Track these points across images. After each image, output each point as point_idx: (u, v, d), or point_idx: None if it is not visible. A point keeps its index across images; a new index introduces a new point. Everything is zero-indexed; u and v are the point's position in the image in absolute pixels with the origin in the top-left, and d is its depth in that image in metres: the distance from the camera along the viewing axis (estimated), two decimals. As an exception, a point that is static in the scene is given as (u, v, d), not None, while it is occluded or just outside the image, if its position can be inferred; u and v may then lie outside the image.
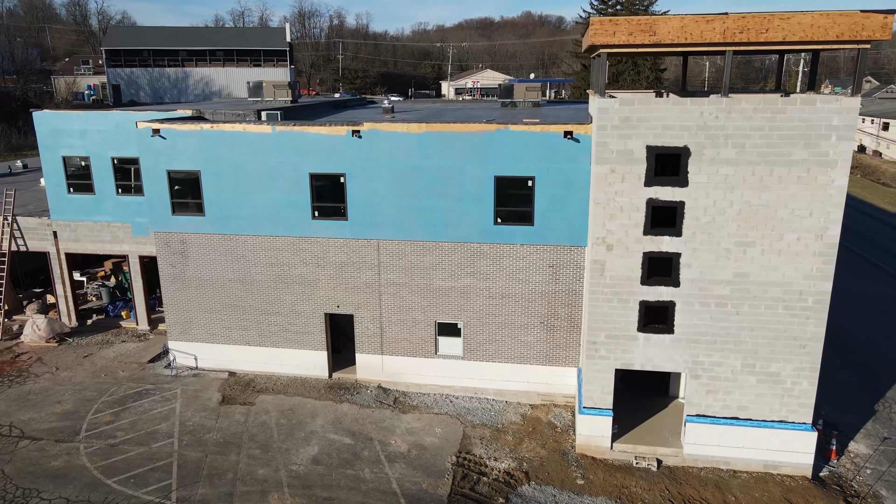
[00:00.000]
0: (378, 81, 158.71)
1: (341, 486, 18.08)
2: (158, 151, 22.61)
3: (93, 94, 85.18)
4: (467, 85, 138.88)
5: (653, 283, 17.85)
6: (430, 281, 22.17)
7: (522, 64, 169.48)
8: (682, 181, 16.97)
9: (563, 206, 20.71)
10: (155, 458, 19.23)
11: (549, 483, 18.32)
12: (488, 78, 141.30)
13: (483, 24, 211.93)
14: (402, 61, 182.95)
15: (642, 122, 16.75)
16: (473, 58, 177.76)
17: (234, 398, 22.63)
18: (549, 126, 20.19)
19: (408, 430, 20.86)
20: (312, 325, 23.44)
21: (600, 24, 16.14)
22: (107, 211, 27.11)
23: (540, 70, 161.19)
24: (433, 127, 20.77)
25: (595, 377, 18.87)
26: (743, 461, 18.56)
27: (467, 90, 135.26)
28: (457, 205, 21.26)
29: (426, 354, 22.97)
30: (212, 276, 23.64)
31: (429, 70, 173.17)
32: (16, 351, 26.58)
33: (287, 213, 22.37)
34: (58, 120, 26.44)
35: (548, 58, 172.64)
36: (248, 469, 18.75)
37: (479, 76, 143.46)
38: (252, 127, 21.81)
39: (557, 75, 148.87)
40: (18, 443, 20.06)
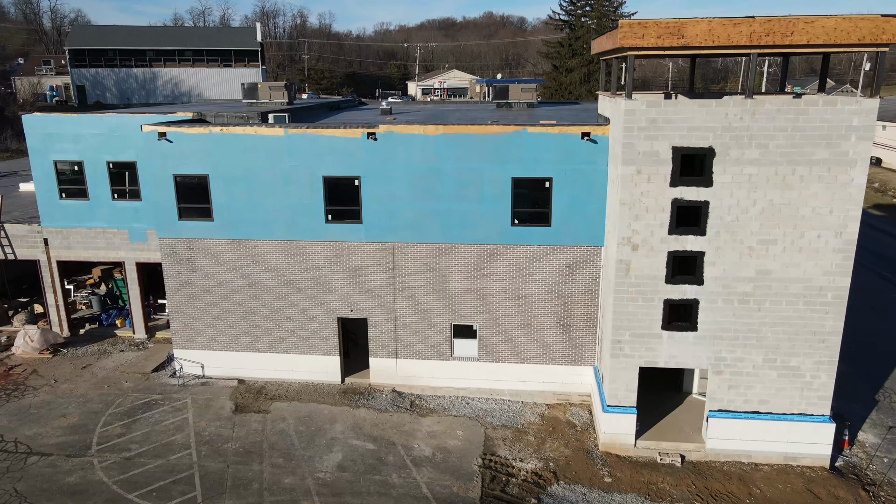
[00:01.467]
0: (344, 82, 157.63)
1: (371, 492, 17.90)
2: (165, 155, 22.03)
3: (55, 95, 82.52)
4: (434, 85, 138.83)
5: (677, 281, 18.14)
6: (446, 283, 22.11)
7: (487, 64, 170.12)
8: (706, 181, 17.27)
9: (580, 206, 20.88)
10: (175, 471, 18.74)
11: (578, 482, 18.46)
12: (455, 78, 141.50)
13: (445, 24, 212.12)
14: (367, 62, 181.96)
15: (668, 123, 17.00)
16: (438, 58, 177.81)
17: (247, 406, 22.20)
18: (567, 128, 20.33)
19: (429, 433, 20.76)
20: (325, 330, 23.15)
21: (629, 26, 16.32)
22: (101, 217, 26.30)
23: (505, 70, 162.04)
24: (450, 129, 20.72)
25: (619, 375, 19.08)
26: (764, 454, 18.99)
27: (434, 90, 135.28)
28: (474, 207, 21.25)
29: (441, 357, 22.90)
30: (220, 282, 23.14)
31: (395, 70, 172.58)
32: (8, 363, 25.59)
33: (299, 216, 22.04)
34: (49, 124, 25.56)
35: (512, 58, 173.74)
36: (274, 478, 18.42)
37: (445, 76, 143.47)
38: (264, 130, 21.42)
39: (523, 75, 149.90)
40: (27, 459, 19.33)
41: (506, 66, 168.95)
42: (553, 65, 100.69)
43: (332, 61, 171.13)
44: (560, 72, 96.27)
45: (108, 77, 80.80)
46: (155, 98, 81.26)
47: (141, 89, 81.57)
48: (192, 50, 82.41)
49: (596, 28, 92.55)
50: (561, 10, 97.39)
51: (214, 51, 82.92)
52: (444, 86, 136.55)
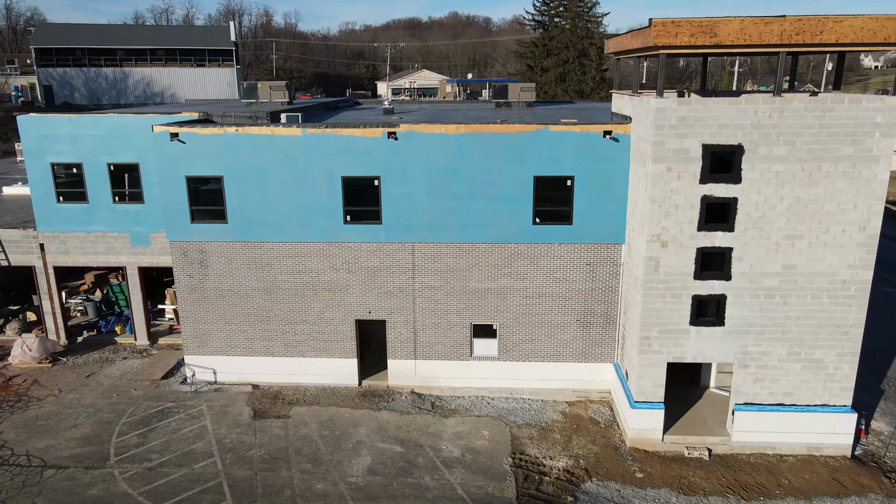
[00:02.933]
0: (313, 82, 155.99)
1: (406, 495, 17.71)
2: (176, 156, 21.46)
3: (20, 95, 79.79)
4: (404, 85, 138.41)
5: (705, 277, 18.36)
6: (466, 283, 22.01)
7: (455, 64, 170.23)
8: (735, 178, 17.52)
9: (601, 204, 21.00)
10: (201, 480, 18.27)
11: (610, 479, 18.55)
12: (425, 78, 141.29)
13: (411, 24, 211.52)
14: (336, 61, 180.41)
15: (699, 121, 17.19)
16: (406, 58, 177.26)
17: (266, 412, 21.76)
18: (589, 126, 20.42)
19: (455, 434, 20.64)
20: (342, 333, 22.84)
21: (662, 25, 16.46)
22: (101, 220, 25.51)
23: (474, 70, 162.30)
24: (472, 128, 20.63)
25: (647, 371, 19.24)
26: (788, 445, 19.36)
27: (404, 90, 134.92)
28: (494, 206, 21.20)
29: (461, 357, 22.80)
30: (233, 286, 22.64)
31: (363, 70, 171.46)
32: (5, 374, 24.63)
33: (316, 218, 21.69)
34: (45, 125, 24.71)
35: (480, 58, 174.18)
36: (305, 484, 18.09)
37: (415, 76, 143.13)
38: (281, 130, 21.03)
39: (491, 75, 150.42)
40: (43, 472, 18.62)
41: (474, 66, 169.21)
42: (528, 64, 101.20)
43: (299, 61, 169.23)
44: (535, 71, 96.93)
45: (77, 77, 78.40)
46: (126, 98, 79.19)
47: (111, 89, 79.38)
48: (165, 49, 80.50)
49: (570, 28, 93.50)
50: (534, 10, 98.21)
51: (187, 50, 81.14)
52: (415, 86, 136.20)
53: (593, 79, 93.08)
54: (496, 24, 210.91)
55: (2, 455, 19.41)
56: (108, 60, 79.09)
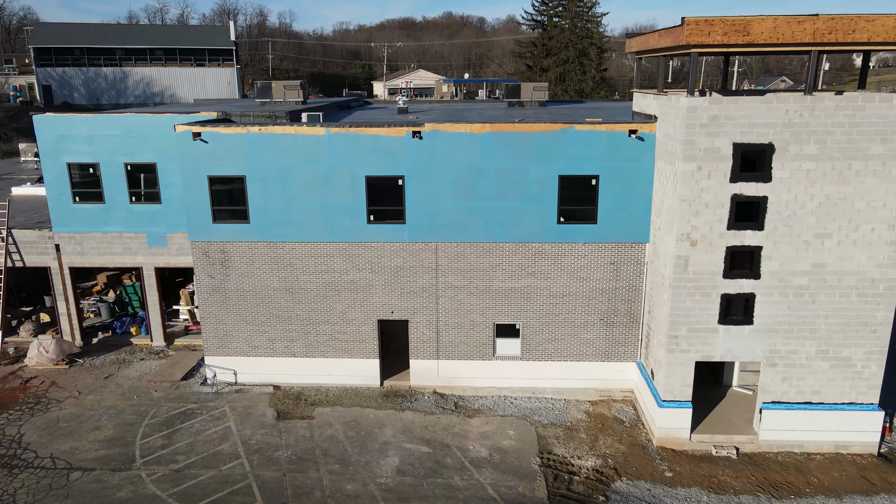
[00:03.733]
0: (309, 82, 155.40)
1: (437, 495, 17.64)
2: (198, 156, 21.32)
3: (19, 95, 79.19)
4: (400, 85, 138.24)
5: (734, 276, 18.38)
6: (489, 283, 21.97)
7: (450, 64, 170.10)
8: (765, 177, 17.54)
9: (625, 203, 20.99)
10: (230, 481, 18.15)
11: (640, 478, 18.54)
12: (421, 78, 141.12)
13: (406, 24, 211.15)
14: (331, 61, 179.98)
15: (730, 119, 17.20)
16: (402, 58, 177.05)
17: (289, 413, 21.64)
18: (615, 125, 20.41)
19: (481, 434, 20.59)
20: (364, 333, 22.75)
21: (696, 24, 16.46)
22: (118, 221, 25.33)
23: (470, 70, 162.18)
24: (497, 127, 20.58)
25: (676, 370, 19.24)
26: (815, 443, 19.40)
27: (400, 90, 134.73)
28: (519, 205, 21.16)
29: (484, 357, 22.75)
30: (255, 286, 22.52)
31: (359, 70, 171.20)
32: (22, 375, 24.43)
33: (340, 217, 21.60)
34: (61, 124, 24.51)
35: (475, 58, 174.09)
36: (335, 485, 18.00)
37: (411, 76, 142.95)
38: (305, 129, 20.93)
39: (487, 75, 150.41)
40: (69, 475, 18.45)
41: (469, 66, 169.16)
42: (527, 64, 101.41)
43: (295, 61, 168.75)
44: (534, 71, 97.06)
45: (76, 77, 77.90)
46: (126, 98, 78.74)
47: (111, 89, 78.90)
48: (164, 49, 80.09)
49: (570, 28, 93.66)
50: (533, 10, 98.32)
51: (187, 49, 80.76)
52: (411, 86, 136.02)
53: (593, 78, 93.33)
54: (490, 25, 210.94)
55: (26, 458, 19.23)
56: (108, 60, 78.63)
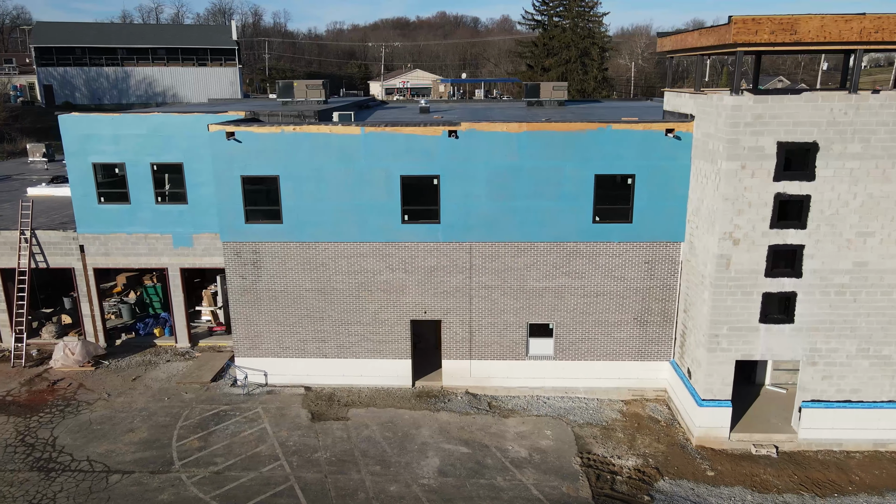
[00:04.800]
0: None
1: (482, 496, 17.57)
2: (232, 156, 21.17)
3: (20, 95, 78.55)
4: (397, 85, 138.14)
5: (776, 274, 18.39)
6: (523, 282, 21.91)
7: (446, 64, 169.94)
8: (809, 175, 17.55)
9: (661, 202, 20.97)
10: (272, 483, 18.01)
11: (682, 477, 18.52)
12: (418, 78, 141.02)
13: (400, 24, 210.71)
14: (327, 61, 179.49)
15: (774, 118, 17.20)
16: (397, 58, 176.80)
17: (323, 414, 21.52)
18: (651, 124, 20.40)
19: (518, 434, 20.53)
20: (397, 333, 22.65)
21: (743, 22, 16.44)
22: (143, 221, 25.12)
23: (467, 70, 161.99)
24: (533, 126, 20.53)
25: (716, 370, 19.23)
26: (854, 441, 19.44)
27: (397, 90, 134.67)
28: (554, 204, 21.11)
29: (516, 357, 22.69)
30: (286, 287, 22.38)
31: (356, 70, 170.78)
32: (48, 378, 24.19)
33: (374, 217, 21.49)
34: (87, 124, 24.27)
35: (471, 58, 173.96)
36: (378, 487, 17.90)
37: (408, 76, 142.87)
38: (340, 128, 20.81)
39: (483, 75, 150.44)
40: (108, 478, 18.27)
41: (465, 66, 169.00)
42: (528, 64, 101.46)
43: (291, 60, 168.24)
44: (535, 71, 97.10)
45: (77, 76, 77.30)
46: (128, 98, 78.24)
47: (113, 89, 78.37)
48: (166, 48, 79.62)
49: (571, 27, 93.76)
50: (534, 10, 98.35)
51: (189, 49, 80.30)
52: (408, 85, 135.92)
53: (595, 78, 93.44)
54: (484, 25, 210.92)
55: (62, 461, 19.04)
56: (110, 60, 78.11)
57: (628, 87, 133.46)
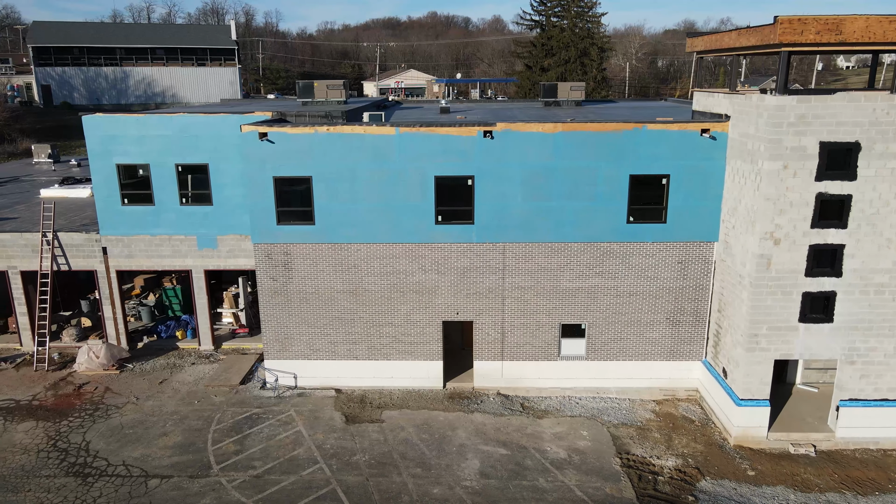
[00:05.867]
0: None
1: (527, 498, 17.50)
2: (264, 157, 21.00)
3: (17, 95, 77.73)
4: (391, 85, 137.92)
5: (816, 274, 18.44)
6: (556, 283, 21.87)
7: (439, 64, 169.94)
8: (851, 175, 17.62)
9: (695, 202, 21.00)
10: (313, 487, 17.87)
11: (723, 477, 18.53)
12: (412, 78, 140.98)
13: (390, 24, 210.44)
14: (320, 61, 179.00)
15: (817, 118, 17.25)
16: (390, 58, 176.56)
17: (357, 416, 21.38)
18: (687, 124, 20.41)
19: (555, 435, 20.48)
20: (429, 335, 22.55)
21: (789, 22, 16.47)
22: (167, 223, 24.87)
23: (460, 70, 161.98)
24: (569, 127, 20.49)
25: (755, 369, 19.27)
26: (892, 440, 19.53)
27: (391, 90, 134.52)
28: (589, 204, 21.09)
29: (549, 357, 22.65)
30: (318, 289, 22.23)
31: (349, 70, 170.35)
32: (73, 381, 23.91)
33: (407, 218, 21.38)
34: (110, 125, 23.97)
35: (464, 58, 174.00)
36: (421, 489, 17.79)
37: (402, 76, 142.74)
38: (374, 129, 20.68)
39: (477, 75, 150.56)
40: (147, 482, 18.06)
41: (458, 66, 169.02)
42: (526, 64, 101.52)
43: (284, 60, 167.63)
44: (533, 71, 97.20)
45: (76, 76, 76.55)
46: (127, 98, 77.63)
47: (111, 89, 77.68)
48: (165, 48, 79.01)
49: (570, 27, 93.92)
50: (532, 10, 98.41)
51: (188, 49, 79.73)
52: (402, 86, 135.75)
53: (594, 78, 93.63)
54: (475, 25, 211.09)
55: (98, 466, 18.80)
56: (108, 60, 77.43)
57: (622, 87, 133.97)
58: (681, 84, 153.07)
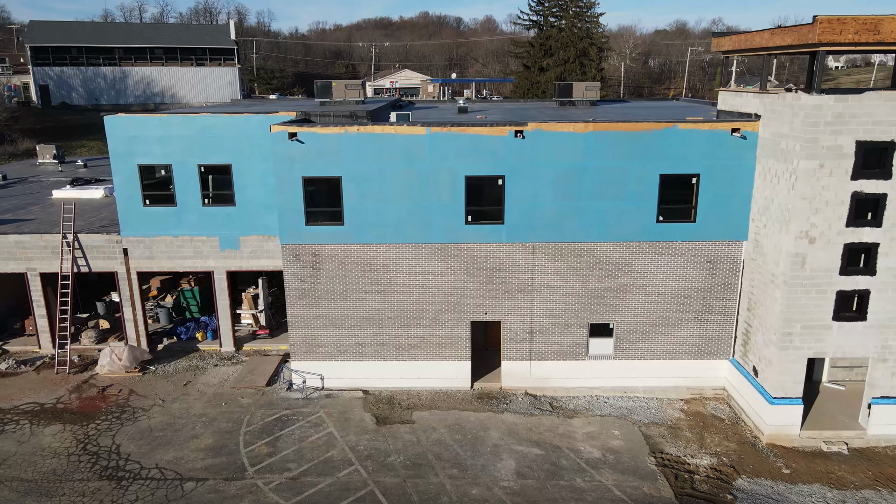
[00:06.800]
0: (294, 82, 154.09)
1: (566, 498, 17.49)
2: (293, 157, 20.88)
3: (14, 95, 76.99)
4: (386, 85, 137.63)
5: (850, 272, 18.53)
6: (585, 282, 21.87)
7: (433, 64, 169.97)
8: (886, 174, 17.72)
9: (724, 201, 21.05)
10: (351, 488, 17.78)
11: (759, 475, 18.58)
12: (407, 78, 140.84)
13: (382, 23, 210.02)
14: (314, 61, 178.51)
15: (854, 118, 17.33)
16: (384, 58, 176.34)
17: (388, 418, 21.30)
18: (717, 124, 20.47)
19: (587, 435, 20.48)
20: (457, 335, 22.50)
21: (828, 22, 16.54)
22: (189, 224, 24.70)
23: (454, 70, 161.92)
24: (600, 126, 20.50)
25: (788, 367, 19.34)
26: (922, 437, 19.66)
27: (385, 90, 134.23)
28: (618, 204, 21.10)
29: (576, 357, 22.65)
30: (345, 289, 22.13)
31: (343, 70, 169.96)
32: (97, 383, 23.69)
33: (437, 218, 21.32)
34: (133, 125, 23.79)
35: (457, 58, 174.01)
36: (460, 490, 17.74)
37: (397, 76, 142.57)
38: (405, 129, 20.61)
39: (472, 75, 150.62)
40: (182, 485, 17.91)
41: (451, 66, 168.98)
42: (524, 64, 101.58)
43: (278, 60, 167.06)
44: (532, 71, 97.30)
45: (74, 76, 75.91)
46: (125, 99, 77.05)
47: (110, 89, 77.08)
48: (164, 48, 78.48)
49: (568, 27, 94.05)
50: (529, 10, 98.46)
51: (187, 49, 79.24)
52: (396, 86, 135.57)
53: (593, 78, 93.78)
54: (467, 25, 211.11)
55: (131, 469, 18.64)
56: (107, 59, 76.82)
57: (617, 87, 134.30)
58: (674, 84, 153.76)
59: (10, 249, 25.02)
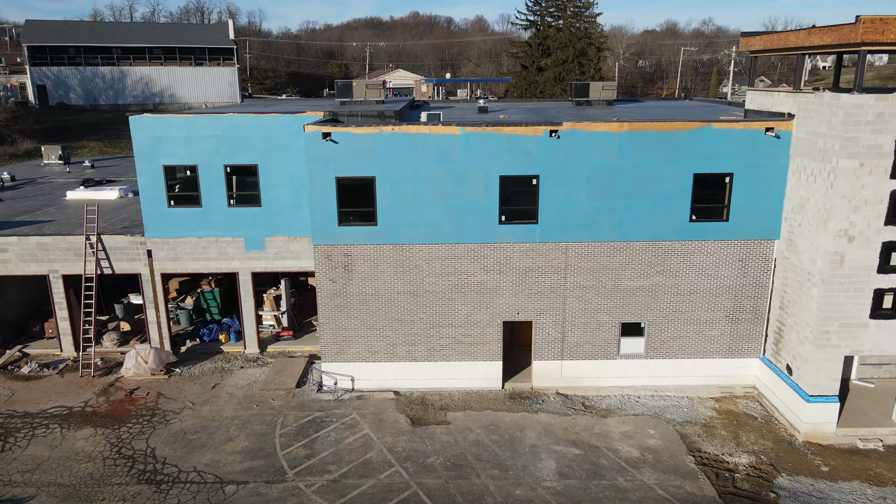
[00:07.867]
0: (287, 82, 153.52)
1: (610, 498, 17.48)
2: (327, 157, 20.76)
3: (11, 95, 76.15)
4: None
5: (888, 270, 18.65)
6: (618, 282, 21.89)
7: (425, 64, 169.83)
8: (925, 173, 17.83)
9: (756, 200, 21.13)
10: (395, 490, 17.69)
11: (798, 473, 18.67)
12: (400, 78, 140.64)
13: (373, 23, 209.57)
14: (306, 61, 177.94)
15: (894, 116, 17.43)
16: (376, 58, 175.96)
17: (422, 418, 21.22)
18: (751, 123, 20.54)
19: (623, 434, 20.50)
20: (489, 335, 22.45)
21: (871, 22, 16.63)
22: (214, 225, 24.50)
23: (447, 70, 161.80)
24: (635, 126, 20.52)
25: (824, 366, 19.44)
26: (956, 433, 19.82)
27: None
28: (653, 203, 21.13)
29: (608, 356, 22.67)
30: (377, 290, 22.02)
31: (335, 70, 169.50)
32: (123, 386, 23.45)
33: (471, 218, 21.26)
34: (159, 126, 23.55)
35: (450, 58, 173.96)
36: (504, 491, 17.70)
37: (390, 76, 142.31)
38: (440, 129, 20.54)
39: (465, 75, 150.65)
40: (223, 489, 17.76)
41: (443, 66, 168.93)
42: (522, 64, 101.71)
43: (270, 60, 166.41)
44: (530, 71, 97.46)
45: (72, 76, 75.14)
46: (124, 99, 76.38)
47: (108, 89, 76.37)
48: (163, 47, 77.87)
49: (566, 27, 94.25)
50: (527, 10, 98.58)
51: (186, 48, 78.67)
52: (390, 85, 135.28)
53: (592, 78, 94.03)
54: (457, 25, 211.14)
55: (169, 472, 18.45)
56: (105, 59, 76.12)
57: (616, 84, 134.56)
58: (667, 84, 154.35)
59: (33, 251, 24.72)
